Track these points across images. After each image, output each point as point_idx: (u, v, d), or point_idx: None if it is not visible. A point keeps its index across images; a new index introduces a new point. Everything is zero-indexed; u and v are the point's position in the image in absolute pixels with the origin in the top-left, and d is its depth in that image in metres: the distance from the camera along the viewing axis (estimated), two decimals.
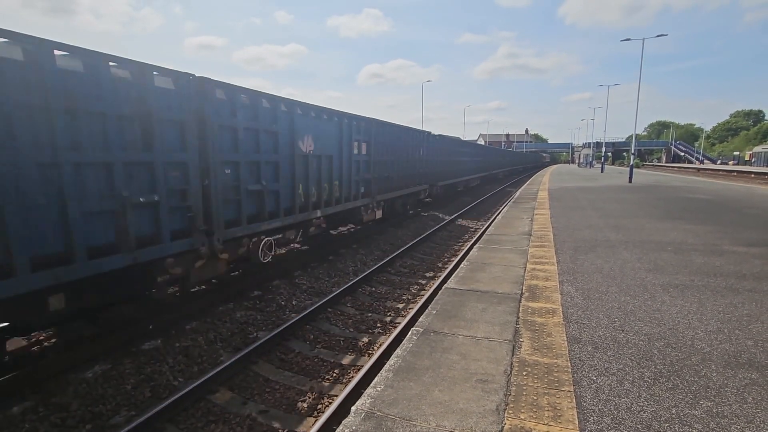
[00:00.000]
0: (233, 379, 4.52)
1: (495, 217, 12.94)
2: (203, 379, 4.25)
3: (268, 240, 6.90)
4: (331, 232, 11.01)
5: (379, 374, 3.10)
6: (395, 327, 5.91)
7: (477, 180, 28.56)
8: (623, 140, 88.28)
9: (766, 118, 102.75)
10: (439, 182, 18.13)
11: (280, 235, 7.68)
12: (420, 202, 17.21)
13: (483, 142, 79.83)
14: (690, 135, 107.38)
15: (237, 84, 5.95)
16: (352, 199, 9.82)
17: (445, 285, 5.19)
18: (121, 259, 4.37)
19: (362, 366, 4.78)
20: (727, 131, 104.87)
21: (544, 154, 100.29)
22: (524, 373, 3.07)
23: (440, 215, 16.46)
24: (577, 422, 2.51)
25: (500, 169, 40.83)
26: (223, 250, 5.81)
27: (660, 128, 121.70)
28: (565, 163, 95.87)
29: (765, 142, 72.68)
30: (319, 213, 8.42)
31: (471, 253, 6.98)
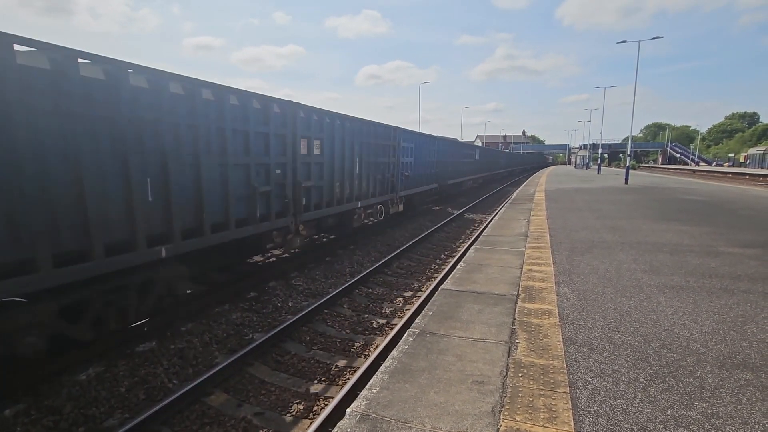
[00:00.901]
0: (228, 381, 4.50)
1: (492, 218, 12.97)
2: (198, 381, 4.22)
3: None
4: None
5: (374, 376, 3.09)
6: (391, 328, 5.90)
7: (506, 172, 49.20)
8: (619, 142, 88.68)
9: (761, 120, 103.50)
10: (493, 170, 36.88)
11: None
12: (486, 180, 34.06)
13: (480, 144, 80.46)
14: (686, 137, 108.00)
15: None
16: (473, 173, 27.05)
17: (442, 286, 5.19)
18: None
19: (358, 368, 4.77)
20: (723, 133, 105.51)
21: (547, 155, 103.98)
22: (520, 375, 3.07)
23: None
24: (572, 424, 2.50)
25: (516, 167, 60.46)
26: None
27: (656, 130, 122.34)
28: (561, 164, 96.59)
29: (760, 144, 73.23)
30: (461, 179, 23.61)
31: (468, 254, 6.98)
